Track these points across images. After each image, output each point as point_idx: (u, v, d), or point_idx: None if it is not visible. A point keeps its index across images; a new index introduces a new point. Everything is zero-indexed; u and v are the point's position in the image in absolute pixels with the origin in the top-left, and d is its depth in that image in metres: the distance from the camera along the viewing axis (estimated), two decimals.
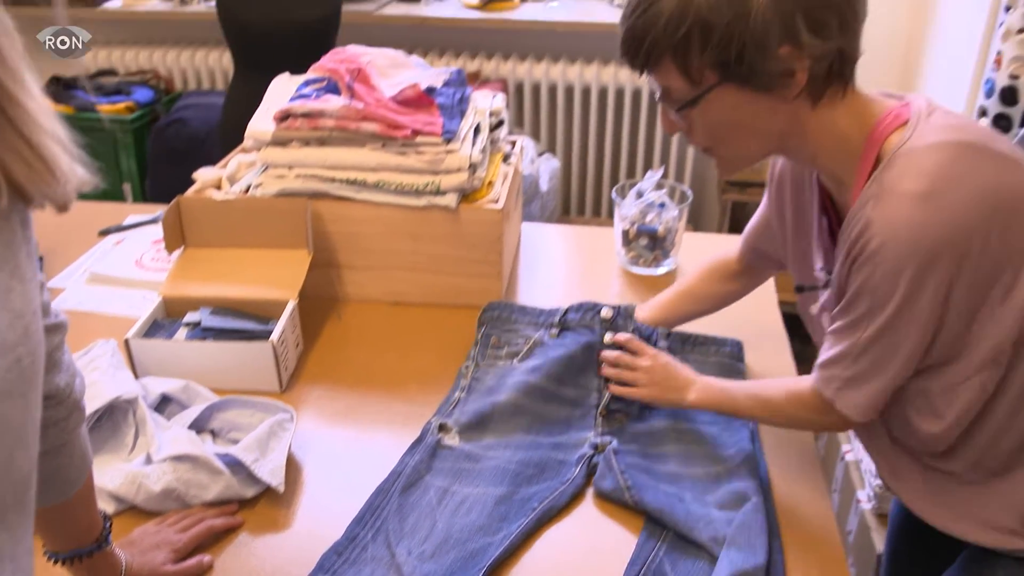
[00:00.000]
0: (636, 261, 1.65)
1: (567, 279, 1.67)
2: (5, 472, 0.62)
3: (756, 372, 1.36)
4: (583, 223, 3.15)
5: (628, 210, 1.63)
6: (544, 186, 2.84)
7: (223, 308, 1.38)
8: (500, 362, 1.34)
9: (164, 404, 1.23)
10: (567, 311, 1.37)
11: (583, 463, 1.14)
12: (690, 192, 1.64)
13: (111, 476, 1.07)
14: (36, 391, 0.67)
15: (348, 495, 1.10)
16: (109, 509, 1.07)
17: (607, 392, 1.24)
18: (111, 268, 1.65)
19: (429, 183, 1.43)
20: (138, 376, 1.27)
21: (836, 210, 1.04)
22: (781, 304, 1.54)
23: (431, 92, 1.49)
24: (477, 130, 1.52)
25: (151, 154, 3.06)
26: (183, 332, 1.34)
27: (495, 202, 1.47)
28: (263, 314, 1.37)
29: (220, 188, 1.58)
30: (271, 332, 1.30)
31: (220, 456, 1.08)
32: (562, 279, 1.67)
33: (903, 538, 1.32)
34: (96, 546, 0.92)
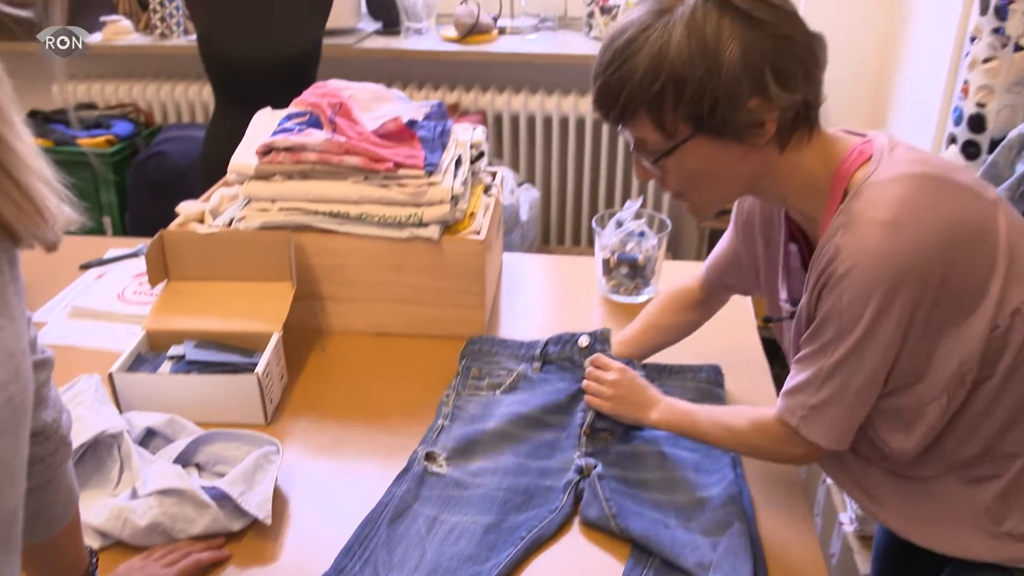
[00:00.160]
0: (617, 289, 1.67)
1: (549, 308, 1.68)
2: None
3: (736, 397, 1.38)
4: (563, 252, 3.18)
5: (608, 239, 1.65)
6: (524, 216, 2.87)
7: (207, 341, 1.38)
8: (482, 393, 1.35)
9: (149, 438, 1.23)
10: (547, 343, 1.40)
11: (570, 490, 1.15)
12: (669, 221, 1.67)
13: (96, 511, 1.07)
14: (25, 428, 0.67)
15: (335, 526, 1.10)
16: (95, 544, 1.06)
17: (591, 411, 1.26)
18: (93, 302, 1.65)
19: (411, 215, 1.44)
20: (122, 410, 1.27)
21: (808, 244, 1.07)
22: (759, 329, 1.56)
23: (412, 125, 1.51)
24: (458, 162, 1.54)
25: (131, 187, 3.06)
26: (167, 366, 1.34)
27: (477, 233, 1.49)
28: (247, 347, 1.38)
29: (203, 222, 1.58)
30: (256, 365, 1.30)
31: (206, 489, 1.08)
32: (544, 308, 1.68)
33: (888, 560, 1.33)
34: None
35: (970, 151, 1.96)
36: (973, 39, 1.94)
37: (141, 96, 3.25)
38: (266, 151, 1.46)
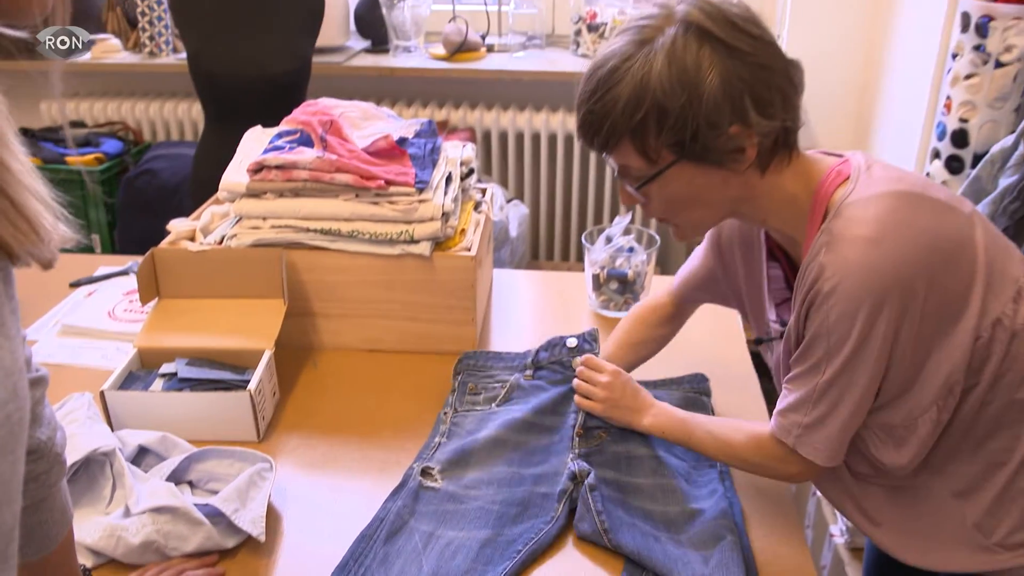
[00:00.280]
0: (607, 305, 1.69)
1: (540, 323, 1.69)
2: None
3: (724, 409, 1.38)
4: (552, 267, 3.19)
5: (598, 255, 1.66)
6: (513, 232, 2.88)
7: (199, 359, 1.38)
8: (478, 407, 1.36)
9: (141, 456, 1.23)
10: (538, 351, 1.42)
11: (564, 500, 1.15)
12: (657, 236, 1.68)
13: (89, 530, 1.07)
14: (23, 447, 0.68)
15: (329, 543, 1.10)
16: (88, 563, 1.06)
17: (583, 412, 1.27)
18: (83, 320, 1.64)
19: (403, 232, 1.45)
20: (114, 428, 1.27)
21: (791, 264, 1.09)
22: (748, 342, 1.57)
23: (403, 143, 1.52)
24: (449, 179, 1.55)
25: (121, 205, 3.06)
26: (159, 383, 1.34)
27: (468, 249, 1.50)
28: (239, 364, 1.38)
29: (194, 240, 1.59)
30: (248, 382, 1.31)
31: (200, 506, 1.08)
32: (535, 323, 1.69)
33: (879, 573, 1.34)
34: None
35: (954, 166, 1.98)
36: (955, 56, 1.97)
37: (130, 114, 3.26)
38: (257, 169, 1.47)
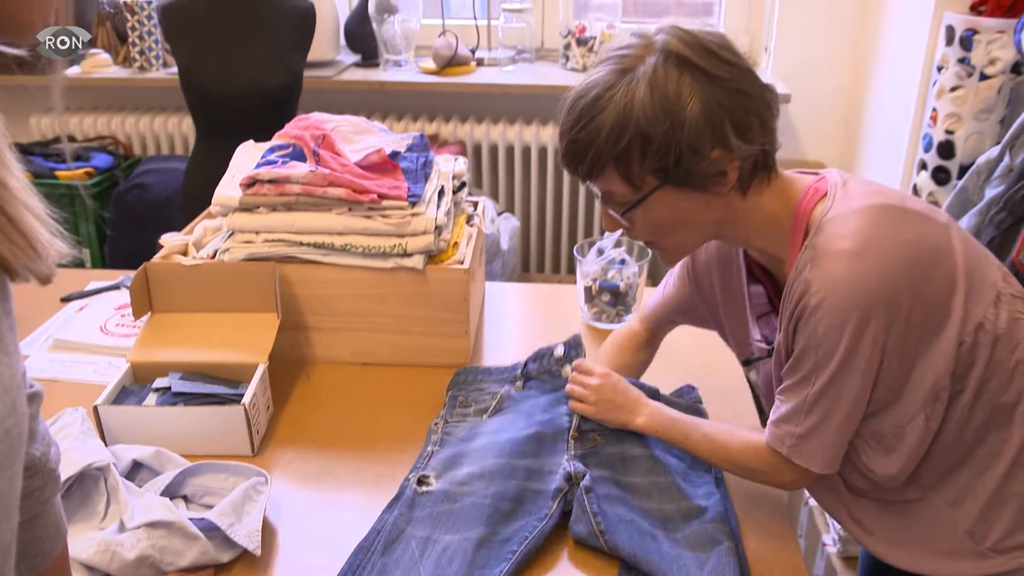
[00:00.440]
0: (599, 317, 1.69)
1: (533, 335, 1.70)
2: None
3: (718, 419, 1.39)
4: (543, 280, 3.20)
5: (590, 267, 1.67)
6: (505, 245, 2.89)
7: (193, 373, 1.38)
8: (469, 419, 1.36)
9: (136, 471, 1.22)
10: (526, 363, 1.43)
11: (559, 499, 1.16)
12: (649, 248, 1.69)
13: (83, 545, 1.06)
14: (20, 463, 0.68)
15: (325, 556, 1.10)
16: None
17: (576, 415, 1.28)
18: (75, 334, 1.64)
19: (396, 245, 1.46)
20: (108, 443, 1.27)
21: (774, 283, 1.11)
22: None
23: (395, 157, 1.53)
24: (441, 193, 1.56)
25: (112, 219, 3.05)
26: (153, 398, 1.34)
27: (461, 263, 1.51)
28: (233, 378, 1.38)
29: (186, 254, 1.59)
30: (242, 396, 1.31)
31: (195, 521, 1.08)
32: (528, 336, 1.70)
33: None
34: None
35: (940, 177, 2.01)
36: (940, 68, 1.99)
37: (120, 128, 3.26)
38: (250, 183, 1.47)
